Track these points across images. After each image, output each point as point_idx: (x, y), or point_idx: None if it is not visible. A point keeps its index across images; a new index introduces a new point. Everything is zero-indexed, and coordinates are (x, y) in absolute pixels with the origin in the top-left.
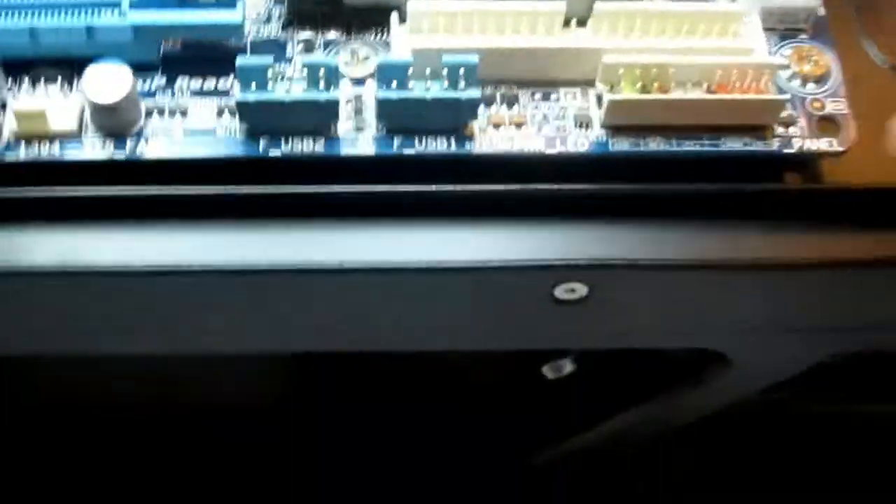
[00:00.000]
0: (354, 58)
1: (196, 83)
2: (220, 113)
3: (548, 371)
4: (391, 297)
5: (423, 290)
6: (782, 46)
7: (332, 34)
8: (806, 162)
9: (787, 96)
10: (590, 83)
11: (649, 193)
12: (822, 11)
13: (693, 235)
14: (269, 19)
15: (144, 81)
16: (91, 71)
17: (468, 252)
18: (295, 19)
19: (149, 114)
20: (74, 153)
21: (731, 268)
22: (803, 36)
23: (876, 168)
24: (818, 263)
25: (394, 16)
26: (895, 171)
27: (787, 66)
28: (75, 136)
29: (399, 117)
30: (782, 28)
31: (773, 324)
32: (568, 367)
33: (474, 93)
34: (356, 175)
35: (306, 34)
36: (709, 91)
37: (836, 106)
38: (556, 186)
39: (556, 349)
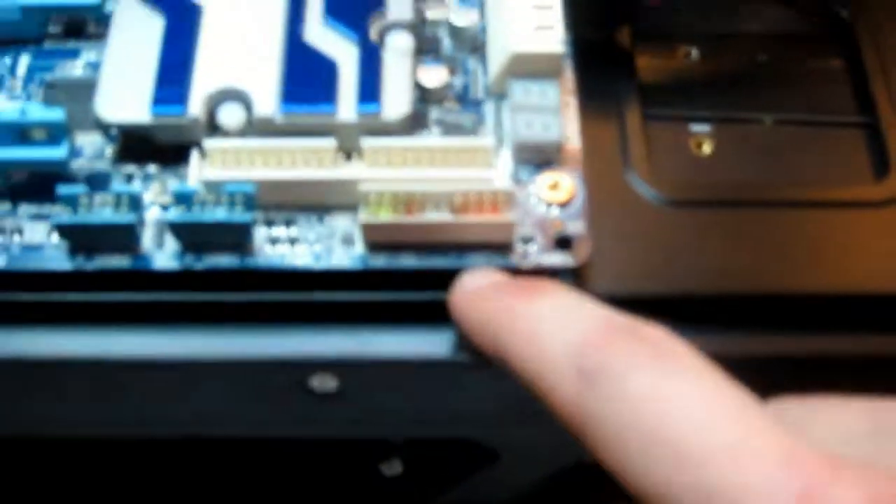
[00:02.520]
0: (163, 187)
1: (34, 209)
2: (49, 233)
3: (385, 468)
4: (183, 387)
5: (201, 379)
6: (533, 175)
7: (152, 168)
8: (545, 275)
9: (512, 218)
10: (356, 207)
11: (401, 301)
12: (574, 143)
13: (437, 337)
14: (101, 155)
15: None
16: None
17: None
18: (121, 156)
19: None
20: None
21: (455, 365)
22: (556, 166)
23: (611, 284)
24: None
25: (194, 152)
26: (632, 285)
27: (512, 193)
28: None
29: (189, 236)
30: (537, 160)
31: (513, 414)
32: (397, 465)
33: (248, 217)
34: (160, 285)
35: (129, 168)
36: (452, 214)
37: (574, 227)
38: (317, 296)
39: (331, 437)
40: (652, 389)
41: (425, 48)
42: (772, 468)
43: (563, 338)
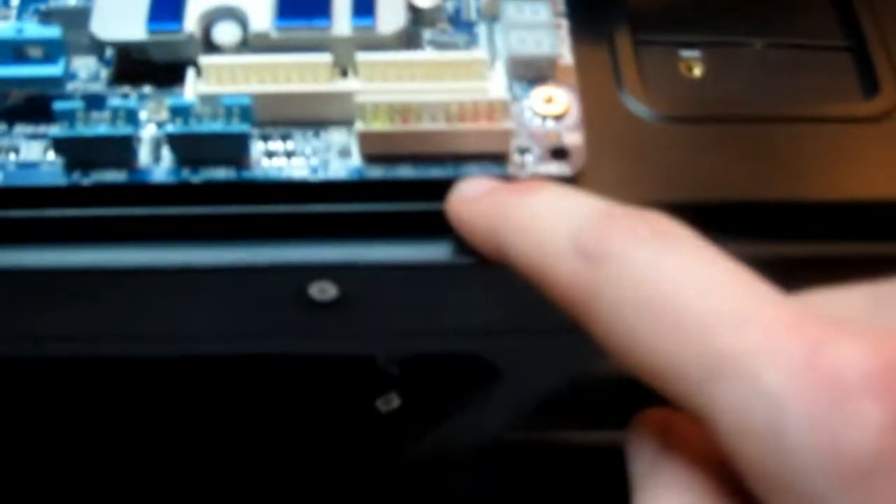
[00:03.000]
0: (160, 105)
1: (30, 128)
2: (45, 151)
3: (380, 404)
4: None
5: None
6: (527, 90)
7: (147, 89)
8: None
9: (509, 125)
10: (352, 122)
11: (400, 211)
12: (567, 61)
13: (435, 245)
14: (97, 78)
15: None
16: None
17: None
18: (116, 77)
19: None
20: None
21: (457, 267)
22: (550, 82)
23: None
24: None
25: (190, 69)
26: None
27: (507, 102)
28: None
29: (186, 150)
30: (530, 76)
31: (514, 324)
32: (395, 400)
33: (245, 128)
34: (157, 199)
35: (125, 89)
36: (448, 123)
37: (570, 138)
38: (315, 207)
39: (316, 353)
40: (653, 263)
41: None
42: (778, 331)
43: (562, 224)
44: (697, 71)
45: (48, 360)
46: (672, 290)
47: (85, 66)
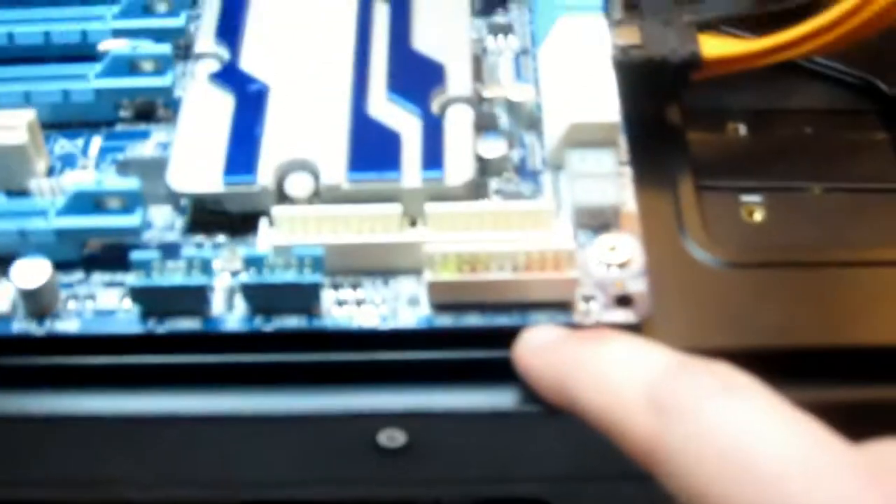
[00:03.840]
0: (233, 255)
1: (107, 276)
2: (121, 299)
3: None
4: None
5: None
6: (592, 238)
7: (221, 238)
8: None
9: (575, 275)
10: (421, 271)
11: (467, 359)
12: (631, 208)
13: (502, 393)
14: (172, 227)
15: (66, 275)
16: (18, 264)
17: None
18: (190, 227)
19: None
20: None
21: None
22: (614, 230)
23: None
24: None
25: (263, 220)
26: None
27: (573, 251)
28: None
29: (260, 299)
30: (595, 224)
31: (581, 470)
32: None
33: (317, 278)
34: (230, 347)
35: (199, 238)
36: (515, 273)
37: (634, 286)
38: (384, 355)
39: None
40: (725, 417)
41: (484, 124)
42: (853, 484)
43: (635, 378)
44: (758, 216)
45: None
46: (746, 444)
47: (161, 215)
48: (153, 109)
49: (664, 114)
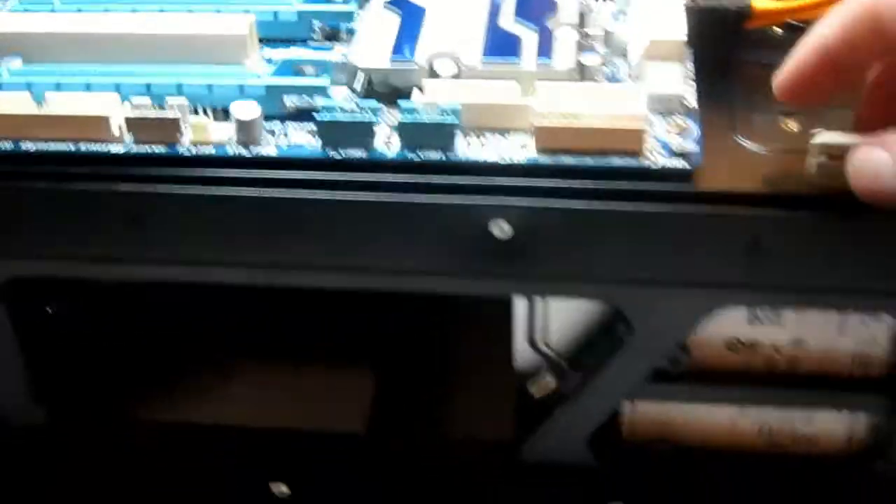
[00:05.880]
0: (393, 115)
1: (297, 125)
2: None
3: (534, 390)
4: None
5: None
6: (662, 119)
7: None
8: (665, 175)
9: (644, 126)
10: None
11: (559, 187)
12: (692, 103)
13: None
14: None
15: (269, 124)
16: (236, 103)
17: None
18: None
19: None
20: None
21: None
22: (679, 114)
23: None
24: None
25: (415, 90)
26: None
27: (646, 113)
28: (223, 143)
29: (410, 137)
30: (663, 109)
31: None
32: (552, 383)
33: (453, 118)
34: (387, 171)
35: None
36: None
37: (691, 146)
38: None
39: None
40: None
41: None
42: None
43: None
44: (794, 126)
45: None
46: None
47: (340, 93)
48: (337, 35)
49: (722, 53)
